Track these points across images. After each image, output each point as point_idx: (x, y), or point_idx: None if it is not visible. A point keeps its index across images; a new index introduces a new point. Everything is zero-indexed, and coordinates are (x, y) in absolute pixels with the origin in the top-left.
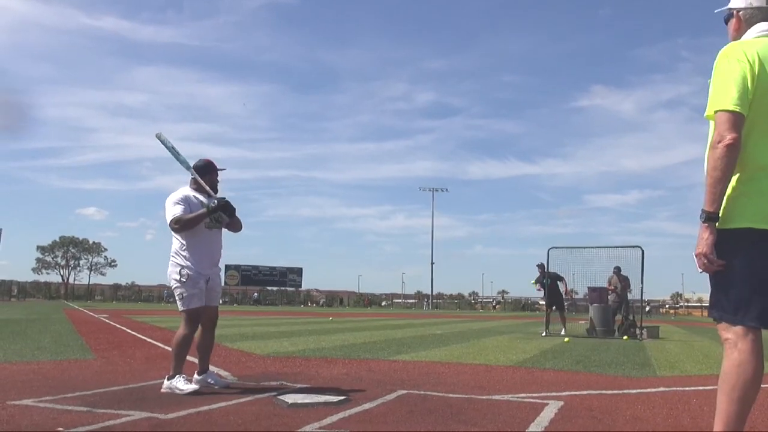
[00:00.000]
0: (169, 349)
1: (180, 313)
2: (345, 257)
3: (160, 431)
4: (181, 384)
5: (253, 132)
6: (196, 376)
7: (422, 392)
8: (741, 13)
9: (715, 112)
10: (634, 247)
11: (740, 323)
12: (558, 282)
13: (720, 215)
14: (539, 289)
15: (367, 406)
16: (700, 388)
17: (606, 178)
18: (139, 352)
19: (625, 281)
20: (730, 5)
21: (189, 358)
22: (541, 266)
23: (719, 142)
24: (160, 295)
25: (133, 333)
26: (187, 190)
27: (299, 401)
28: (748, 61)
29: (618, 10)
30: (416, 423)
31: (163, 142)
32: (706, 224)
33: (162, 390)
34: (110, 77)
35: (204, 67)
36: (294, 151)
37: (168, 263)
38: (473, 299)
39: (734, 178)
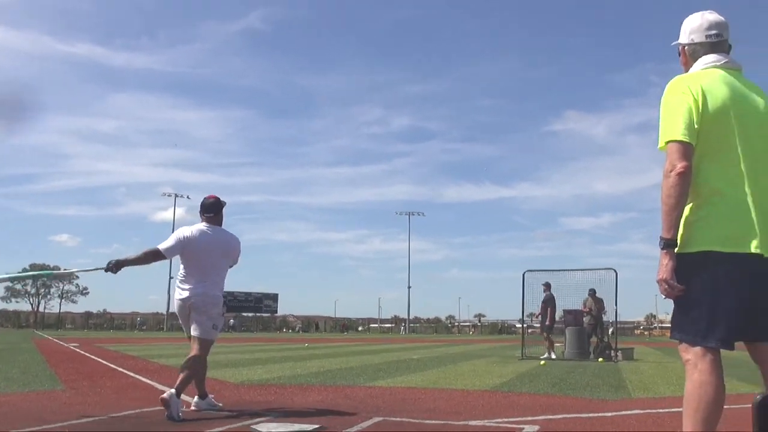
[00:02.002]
0: (142, 378)
1: (200, 339)
2: (321, 282)
3: None
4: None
5: (228, 157)
6: (199, 400)
7: (399, 419)
8: (686, 48)
9: (666, 143)
10: (607, 269)
11: (700, 344)
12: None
13: (679, 240)
14: (538, 316)
15: None
16: (674, 409)
17: (580, 201)
18: (110, 383)
19: (599, 303)
20: (678, 41)
21: (152, 383)
22: (546, 285)
23: (671, 171)
24: (132, 322)
25: (104, 362)
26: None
27: (273, 430)
28: (692, 93)
29: (589, 37)
30: None
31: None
32: (665, 251)
33: (192, 408)
34: (84, 103)
35: (178, 93)
36: (270, 176)
37: (211, 290)
38: (450, 323)
39: (691, 204)
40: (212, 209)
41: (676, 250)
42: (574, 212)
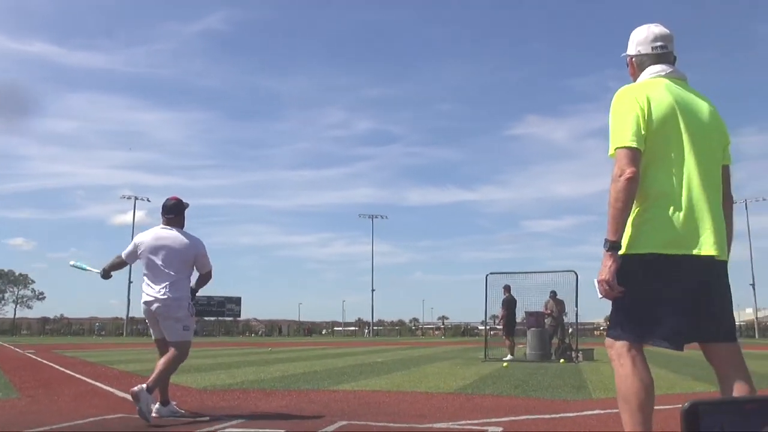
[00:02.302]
0: (101, 385)
1: (175, 343)
2: (285, 285)
3: None
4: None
5: (189, 159)
6: (160, 407)
7: (363, 422)
8: (634, 59)
9: (616, 149)
10: (568, 271)
11: (639, 342)
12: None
13: (626, 242)
14: (502, 316)
15: None
16: None
17: (541, 204)
18: (68, 390)
19: (561, 305)
20: (626, 53)
21: (114, 391)
22: (506, 288)
23: (620, 176)
24: (91, 328)
25: (62, 369)
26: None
27: None
28: (639, 102)
29: (550, 43)
30: None
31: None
32: (610, 252)
33: (154, 414)
34: (40, 104)
35: (138, 94)
36: (232, 179)
37: (171, 293)
38: (414, 326)
39: (638, 207)
40: (173, 210)
41: (621, 251)
42: (535, 215)
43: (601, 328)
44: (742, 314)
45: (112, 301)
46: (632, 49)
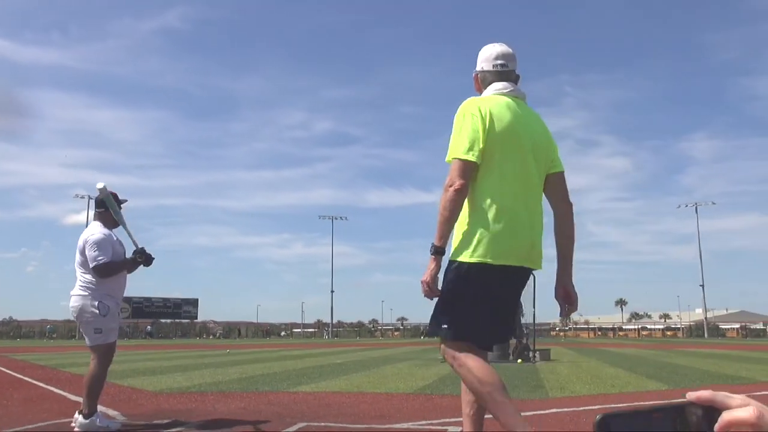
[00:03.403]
0: (52, 389)
1: (92, 348)
2: (243, 287)
3: None
4: (101, 422)
5: (145, 158)
6: (81, 419)
7: (323, 424)
8: (478, 75)
9: (452, 158)
10: None
11: (462, 340)
12: None
13: (453, 248)
14: None
15: None
16: (588, 407)
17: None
18: (18, 394)
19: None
20: (475, 69)
21: (65, 394)
22: None
23: (450, 186)
24: (42, 330)
25: (11, 372)
26: (104, 228)
27: None
28: (481, 115)
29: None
30: None
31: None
32: (434, 257)
33: (76, 429)
34: None
35: (92, 92)
36: (189, 179)
37: (74, 295)
38: (373, 327)
39: (470, 216)
40: (101, 205)
41: (452, 257)
42: None
43: (557, 328)
44: (692, 314)
45: (63, 303)
46: (478, 66)
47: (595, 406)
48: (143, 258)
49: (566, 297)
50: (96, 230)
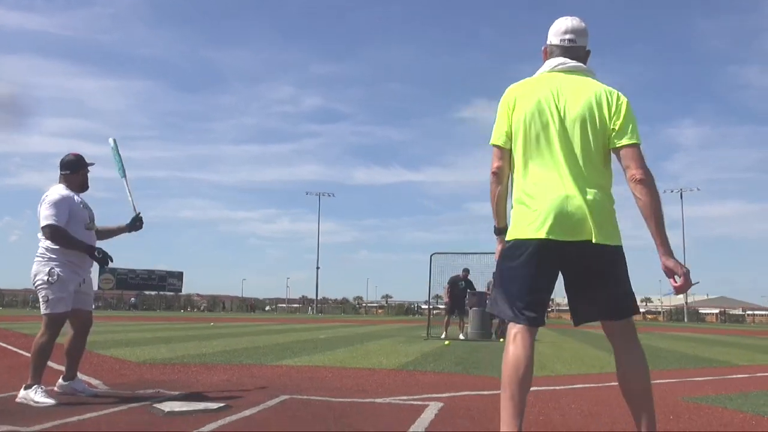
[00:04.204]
0: None
1: (41, 317)
2: (228, 261)
3: None
4: (38, 396)
5: (130, 129)
6: (61, 381)
7: (305, 397)
8: (546, 48)
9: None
10: None
11: (513, 321)
12: (468, 290)
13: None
14: (448, 292)
15: (248, 412)
16: (568, 387)
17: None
18: (1, 362)
19: None
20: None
21: (52, 364)
22: (466, 271)
23: (490, 171)
24: (25, 299)
25: None
26: (64, 189)
27: (176, 409)
28: (508, 101)
29: (498, 29)
30: (298, 428)
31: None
32: (496, 237)
33: (17, 400)
34: None
35: (77, 60)
36: (175, 151)
37: (33, 261)
38: (358, 304)
39: (513, 199)
40: (66, 167)
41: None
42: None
43: None
44: (673, 299)
45: None
46: (547, 39)
47: (576, 386)
48: (101, 256)
49: (667, 272)
50: (55, 191)
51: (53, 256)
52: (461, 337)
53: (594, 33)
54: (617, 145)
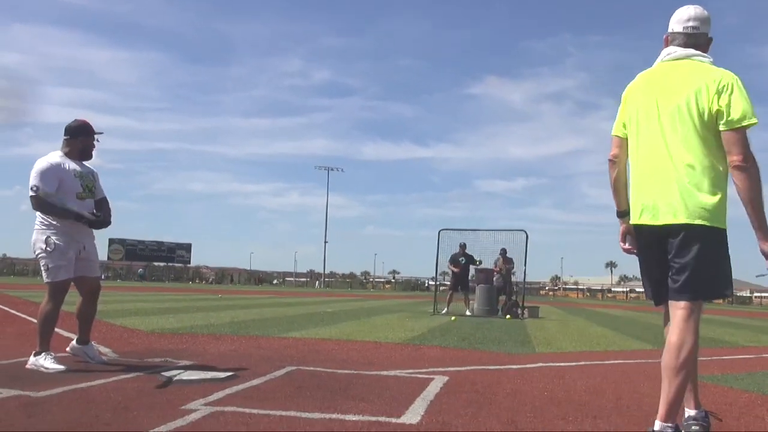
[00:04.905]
0: None
1: (45, 285)
2: (236, 234)
3: (31, 410)
4: (48, 362)
5: (140, 101)
6: (74, 343)
7: (311, 368)
8: (668, 36)
9: None
10: (519, 230)
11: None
12: (471, 265)
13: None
14: (455, 269)
15: (255, 382)
16: (574, 363)
17: (494, 164)
18: (11, 329)
19: (510, 263)
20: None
21: (65, 333)
22: (463, 246)
23: (608, 157)
24: (35, 268)
25: (4, 308)
26: (58, 157)
27: (184, 377)
28: (625, 94)
29: (511, 5)
30: (304, 398)
31: None
32: (618, 219)
33: (27, 366)
34: None
35: (89, 30)
36: (184, 123)
37: (33, 230)
38: (365, 279)
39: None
40: (68, 132)
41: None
42: (487, 175)
43: (547, 288)
44: None
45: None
46: (669, 27)
47: (580, 362)
48: (90, 220)
49: (765, 255)
50: (44, 159)
51: (50, 222)
52: (467, 313)
53: (609, 9)
54: (720, 129)
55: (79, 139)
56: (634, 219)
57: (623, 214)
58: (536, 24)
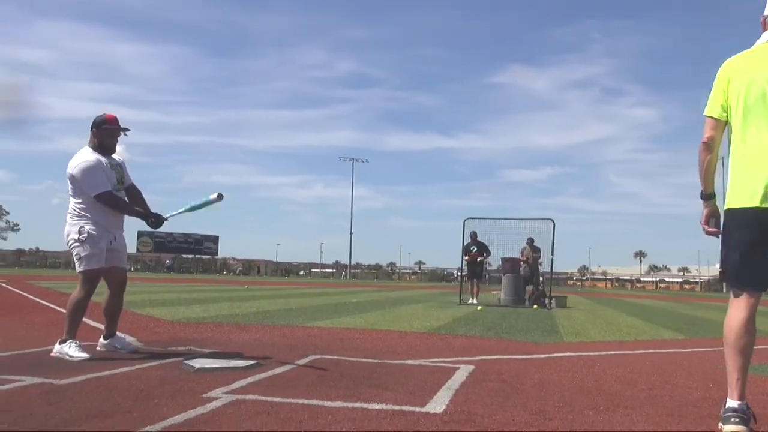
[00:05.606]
0: None
1: (77, 274)
2: (262, 226)
3: (53, 398)
4: (72, 350)
5: (165, 95)
6: (102, 340)
7: (335, 357)
8: (766, 19)
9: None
10: (546, 219)
11: (731, 285)
12: (485, 253)
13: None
14: (470, 258)
15: (278, 370)
16: (603, 353)
17: (519, 153)
18: (39, 318)
19: (537, 252)
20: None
21: (92, 323)
22: (473, 234)
23: (701, 140)
24: (67, 261)
25: (34, 298)
26: (90, 153)
27: (207, 366)
28: (723, 74)
29: None
30: (327, 387)
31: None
32: (703, 201)
33: (52, 354)
34: (7, 29)
35: (114, 24)
36: (209, 116)
37: (65, 222)
38: (391, 269)
39: (729, 168)
40: (93, 124)
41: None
42: (512, 164)
43: (574, 278)
44: (712, 269)
45: None
46: (765, 10)
47: (610, 352)
48: (154, 222)
49: None
50: (83, 157)
51: (83, 214)
52: (471, 301)
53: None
54: None
55: (102, 129)
56: (754, 202)
57: (710, 196)
58: (560, 10)
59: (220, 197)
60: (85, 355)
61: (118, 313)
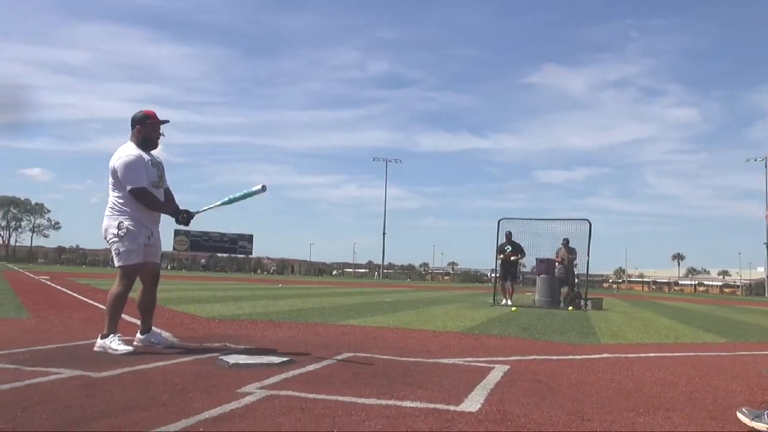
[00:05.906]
0: None
1: (114, 273)
2: (296, 226)
3: (90, 390)
4: (115, 344)
5: (201, 95)
6: (138, 335)
7: (368, 355)
8: None
9: None
10: (582, 220)
11: None
12: (519, 254)
13: None
14: (504, 257)
15: (311, 367)
16: (642, 355)
17: (554, 154)
18: (78, 313)
19: (572, 253)
20: None
21: (127, 318)
22: (508, 234)
23: None
24: (106, 259)
25: (74, 294)
26: (134, 148)
27: (241, 361)
28: None
29: None
30: (361, 384)
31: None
32: None
33: (95, 349)
34: (49, 33)
35: (152, 26)
36: (244, 117)
37: (104, 216)
38: (424, 270)
39: None
40: (132, 122)
41: None
42: (546, 165)
43: (611, 280)
44: (754, 273)
45: None
46: None
47: (649, 354)
48: (184, 218)
49: None
50: (127, 151)
51: (122, 209)
52: (505, 302)
53: None
54: None
55: (145, 125)
56: None
57: None
58: (595, 9)
59: (263, 189)
60: (128, 348)
61: (152, 308)
